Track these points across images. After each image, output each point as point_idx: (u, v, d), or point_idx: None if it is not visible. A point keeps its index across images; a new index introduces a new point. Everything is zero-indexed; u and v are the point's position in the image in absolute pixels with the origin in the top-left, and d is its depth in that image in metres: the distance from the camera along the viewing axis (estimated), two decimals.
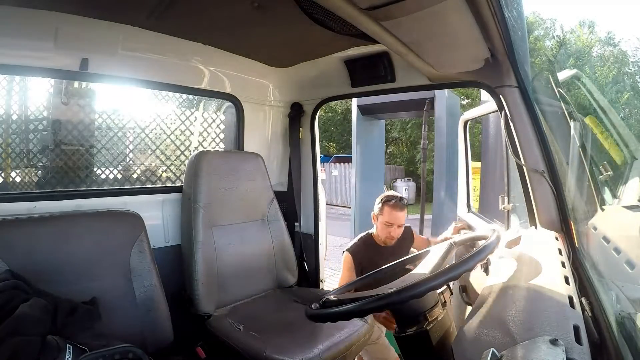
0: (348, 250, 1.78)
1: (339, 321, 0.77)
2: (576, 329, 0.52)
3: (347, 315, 0.72)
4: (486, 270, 1.07)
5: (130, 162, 2.21)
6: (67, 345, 0.76)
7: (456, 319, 1.27)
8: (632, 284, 0.99)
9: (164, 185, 2.07)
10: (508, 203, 1.44)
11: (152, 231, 1.27)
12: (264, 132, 2.00)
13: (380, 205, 1.78)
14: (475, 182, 4.51)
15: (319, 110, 1.85)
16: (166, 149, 2.15)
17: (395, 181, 14.49)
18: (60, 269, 1.05)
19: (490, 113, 1.65)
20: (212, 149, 2.11)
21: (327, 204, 1.95)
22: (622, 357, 0.59)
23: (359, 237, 1.89)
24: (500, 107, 1.17)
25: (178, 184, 2.03)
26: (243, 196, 1.62)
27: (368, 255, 1.77)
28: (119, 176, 2.06)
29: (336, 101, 2.02)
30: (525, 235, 1.09)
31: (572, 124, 1.21)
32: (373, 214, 1.81)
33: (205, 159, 1.49)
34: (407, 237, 1.94)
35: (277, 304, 1.56)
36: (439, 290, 0.84)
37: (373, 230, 1.86)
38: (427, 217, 7.55)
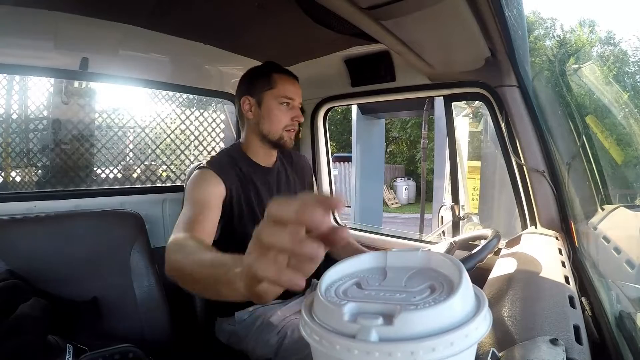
0: (209, 166, 1.00)
1: None
2: (576, 328, 0.52)
3: None
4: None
5: (130, 161, 2.22)
6: (68, 345, 0.77)
7: None
8: (633, 283, 1.00)
9: (164, 185, 2.07)
10: (459, 214, 1.43)
11: (152, 231, 1.27)
12: None
13: (262, 76, 1.09)
14: (475, 182, 4.51)
15: (319, 110, 1.85)
16: (166, 148, 2.15)
17: (395, 180, 14.51)
18: (60, 268, 1.05)
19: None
20: (212, 151, 2.12)
21: None
22: (622, 357, 0.59)
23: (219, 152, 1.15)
24: (500, 106, 1.17)
25: (178, 183, 2.03)
26: None
27: (242, 183, 1.05)
28: (119, 175, 2.06)
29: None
30: (525, 235, 1.09)
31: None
32: (243, 99, 1.09)
33: None
34: (305, 167, 1.30)
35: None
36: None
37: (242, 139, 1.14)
38: (427, 216, 7.57)
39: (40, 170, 1.89)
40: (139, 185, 2.05)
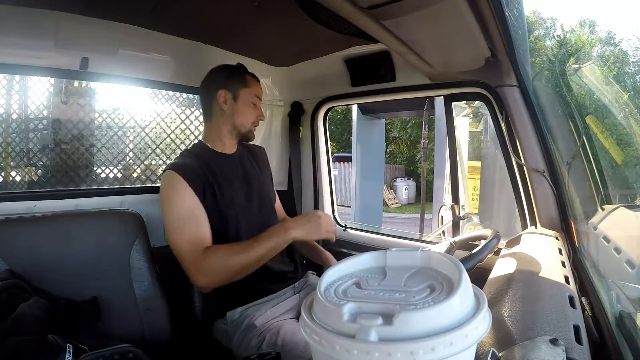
0: (179, 172, 1.06)
1: None
2: (576, 328, 0.52)
3: None
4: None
5: (130, 161, 2.22)
6: (68, 344, 0.76)
7: None
8: (633, 283, 0.99)
9: None
10: (459, 214, 1.43)
11: (152, 230, 1.27)
12: (264, 131, 2.00)
13: (238, 75, 1.20)
14: (475, 182, 4.51)
15: (319, 110, 1.85)
16: (166, 148, 2.15)
17: (395, 180, 14.51)
18: (60, 268, 1.05)
19: None
20: None
21: None
22: (622, 357, 0.58)
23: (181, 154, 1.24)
24: (501, 106, 1.17)
25: None
26: None
27: (212, 177, 1.12)
28: (119, 175, 2.06)
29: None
30: (525, 235, 1.09)
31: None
32: (220, 92, 1.17)
33: None
34: (264, 158, 1.41)
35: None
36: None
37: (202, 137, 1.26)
38: (427, 216, 7.57)
39: (40, 170, 1.88)
40: (139, 185, 2.04)
